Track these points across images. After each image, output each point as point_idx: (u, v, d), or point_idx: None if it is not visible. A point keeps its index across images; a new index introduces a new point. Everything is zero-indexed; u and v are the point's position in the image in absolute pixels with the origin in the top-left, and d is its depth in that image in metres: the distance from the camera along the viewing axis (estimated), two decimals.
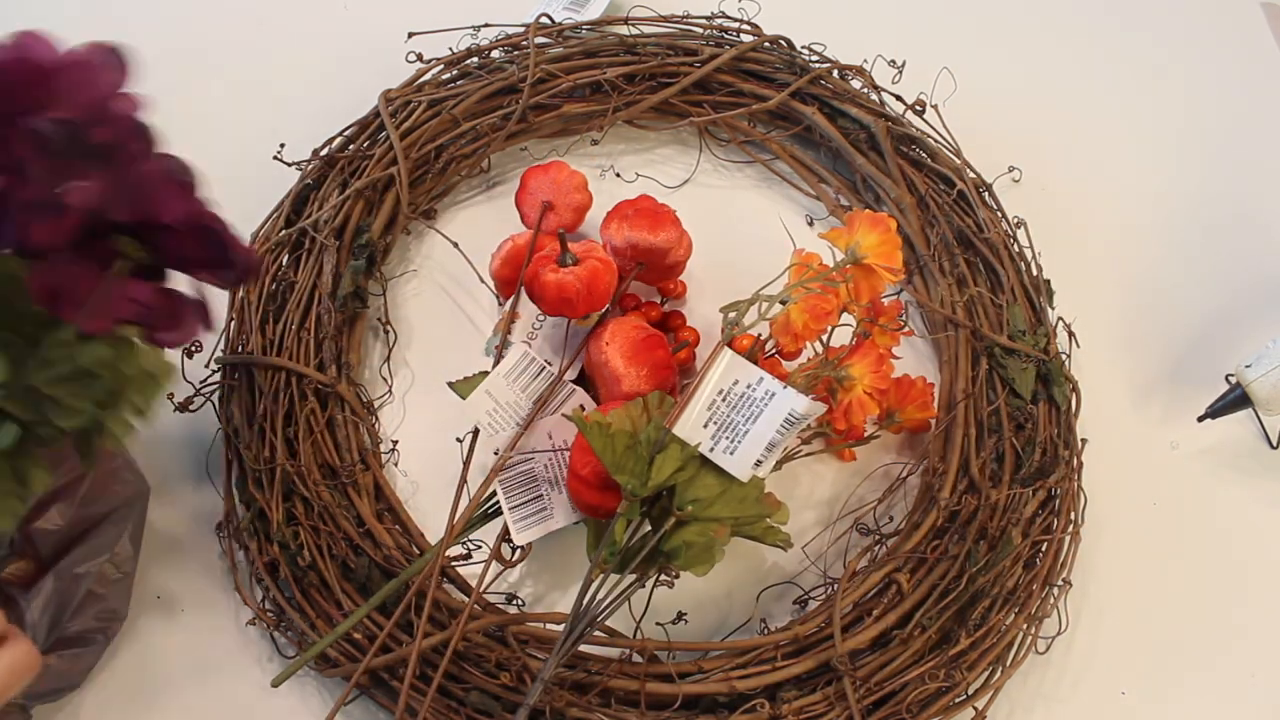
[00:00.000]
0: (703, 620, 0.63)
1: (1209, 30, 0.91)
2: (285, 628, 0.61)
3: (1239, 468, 0.71)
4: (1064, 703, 0.63)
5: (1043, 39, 0.90)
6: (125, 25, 0.88)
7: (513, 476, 0.61)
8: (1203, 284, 0.78)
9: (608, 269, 0.64)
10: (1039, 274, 0.72)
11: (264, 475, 0.63)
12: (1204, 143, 0.84)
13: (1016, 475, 0.64)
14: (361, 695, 0.60)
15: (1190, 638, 0.65)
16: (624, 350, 0.63)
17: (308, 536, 0.61)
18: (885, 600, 0.61)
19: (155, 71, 0.85)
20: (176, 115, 0.79)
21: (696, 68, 0.78)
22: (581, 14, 0.83)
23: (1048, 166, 0.81)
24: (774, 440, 0.55)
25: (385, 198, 0.72)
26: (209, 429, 0.67)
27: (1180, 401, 0.72)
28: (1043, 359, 0.68)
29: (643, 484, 0.54)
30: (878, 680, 0.58)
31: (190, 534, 0.65)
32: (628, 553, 0.55)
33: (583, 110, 0.78)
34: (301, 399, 0.65)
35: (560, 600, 0.64)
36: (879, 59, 0.78)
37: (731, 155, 0.81)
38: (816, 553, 0.65)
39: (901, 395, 0.65)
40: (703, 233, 0.70)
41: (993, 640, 0.60)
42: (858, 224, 0.59)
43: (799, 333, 0.57)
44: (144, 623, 0.63)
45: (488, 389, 0.62)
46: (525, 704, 0.53)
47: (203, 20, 0.88)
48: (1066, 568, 0.63)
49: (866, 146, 0.76)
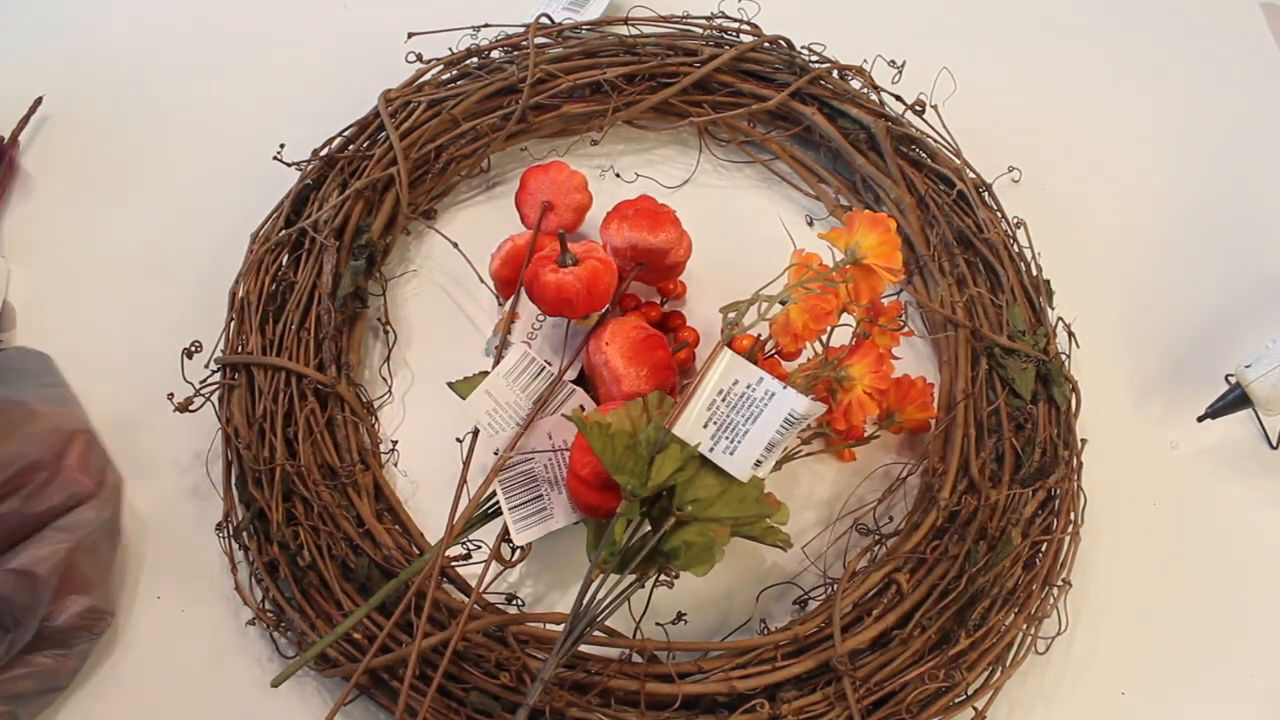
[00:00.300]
0: (703, 620, 0.63)
1: (1209, 30, 0.91)
2: (285, 628, 0.61)
3: (1239, 468, 0.71)
4: (1064, 703, 0.63)
5: (1043, 39, 0.90)
6: (125, 25, 0.88)
7: (513, 476, 0.61)
8: (1203, 284, 0.78)
9: (608, 269, 0.64)
10: (1039, 274, 0.72)
11: (264, 475, 0.63)
12: (1204, 143, 0.84)
13: (1016, 475, 0.64)
14: (361, 695, 0.60)
15: (1190, 638, 0.65)
16: (624, 350, 0.63)
17: (307, 537, 0.61)
18: (885, 600, 0.61)
19: (155, 72, 0.86)
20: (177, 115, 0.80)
21: (696, 68, 0.78)
22: (581, 14, 0.83)
23: (1048, 166, 0.81)
24: (774, 440, 0.55)
25: (385, 198, 0.73)
26: (209, 429, 0.67)
27: (1180, 401, 0.72)
28: (1042, 359, 0.68)
29: (642, 484, 0.54)
30: (877, 680, 0.58)
31: (190, 534, 0.65)
32: (627, 553, 0.55)
33: (583, 110, 0.78)
34: (301, 399, 0.65)
35: (560, 600, 0.64)
36: (879, 59, 0.78)
37: (731, 155, 0.81)
38: (816, 553, 0.65)
39: (901, 395, 0.65)
40: (703, 233, 0.70)
41: (992, 640, 0.60)
42: (857, 224, 0.59)
43: (799, 333, 0.57)
44: (144, 623, 0.63)
45: (488, 389, 0.62)
46: (525, 704, 0.53)
47: (203, 20, 0.88)
48: (1066, 568, 0.63)
49: (866, 147, 0.76)
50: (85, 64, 0.85)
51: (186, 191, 0.79)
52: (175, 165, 0.80)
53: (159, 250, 0.76)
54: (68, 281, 0.75)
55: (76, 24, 0.88)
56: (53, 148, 0.81)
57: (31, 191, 0.79)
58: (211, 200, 0.78)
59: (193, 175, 0.80)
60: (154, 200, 0.79)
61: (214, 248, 0.74)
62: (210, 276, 0.72)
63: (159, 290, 0.74)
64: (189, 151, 0.81)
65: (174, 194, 0.79)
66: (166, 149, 0.81)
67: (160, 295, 0.74)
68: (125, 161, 0.81)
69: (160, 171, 0.80)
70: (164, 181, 0.80)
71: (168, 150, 0.81)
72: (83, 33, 0.88)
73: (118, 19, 0.88)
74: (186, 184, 0.79)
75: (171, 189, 0.79)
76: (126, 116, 0.83)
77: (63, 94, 0.83)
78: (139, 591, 0.64)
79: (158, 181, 0.80)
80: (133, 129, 0.82)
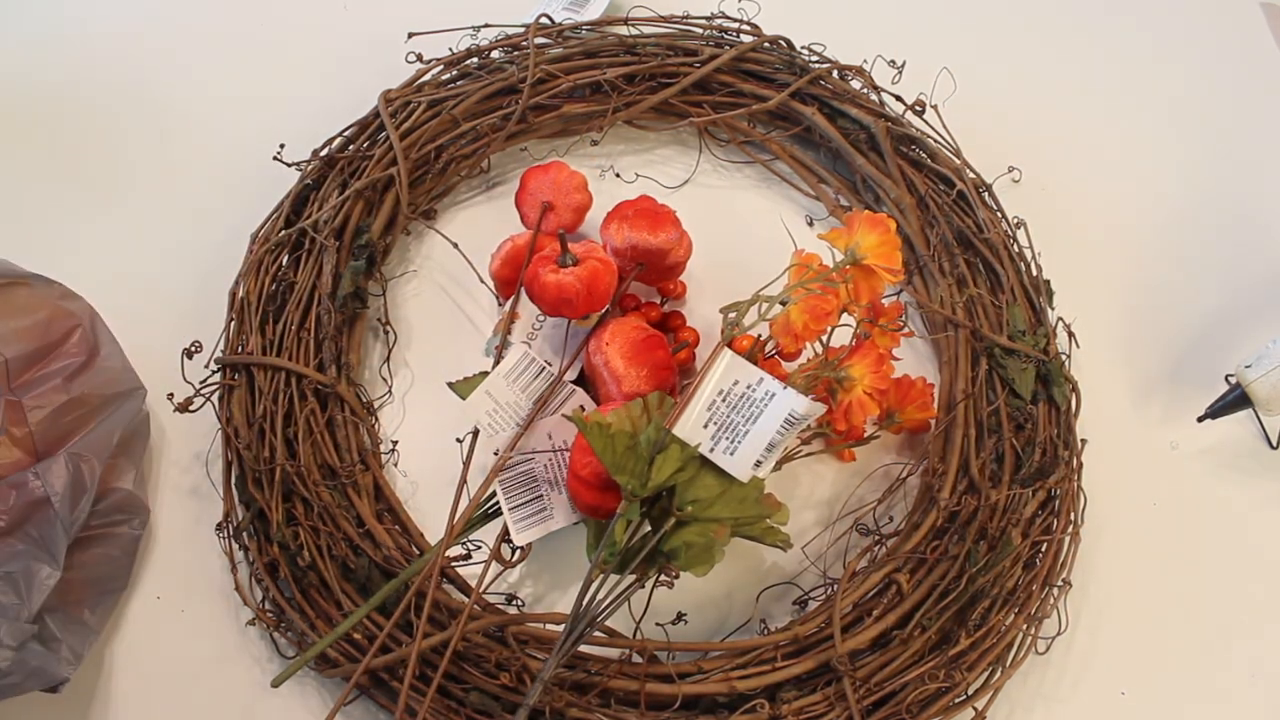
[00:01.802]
0: (703, 621, 0.63)
1: (1209, 30, 0.91)
2: (285, 628, 0.61)
3: (1239, 468, 0.71)
4: (1064, 703, 0.63)
5: (1043, 39, 0.90)
6: (124, 25, 0.88)
7: (513, 477, 0.61)
8: (1203, 284, 0.78)
9: (607, 269, 0.64)
10: (1039, 274, 0.72)
11: (264, 475, 0.63)
12: (1204, 143, 0.84)
13: (1016, 476, 0.64)
14: (361, 695, 0.60)
15: (1190, 638, 0.65)
16: (624, 351, 0.63)
17: (307, 537, 0.61)
18: (885, 600, 0.61)
19: (155, 71, 0.86)
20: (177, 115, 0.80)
21: (696, 68, 0.78)
22: (581, 14, 0.83)
23: (1048, 166, 0.81)
24: (774, 441, 0.55)
25: (385, 198, 0.72)
26: (209, 429, 0.67)
27: (1180, 401, 0.72)
28: (1042, 359, 0.68)
29: (643, 484, 0.54)
30: (877, 680, 0.58)
31: (190, 534, 0.65)
32: (628, 553, 0.55)
33: (582, 110, 0.78)
34: (301, 399, 0.65)
35: (560, 600, 0.64)
36: (879, 59, 0.78)
37: (731, 155, 0.81)
38: (816, 553, 0.65)
39: (901, 395, 0.65)
40: (703, 233, 0.70)
41: (992, 640, 0.60)
42: (857, 225, 0.59)
43: (799, 333, 0.57)
44: (144, 623, 0.63)
45: (488, 389, 0.62)
46: (525, 704, 0.53)
47: (203, 21, 0.88)
48: (1066, 568, 0.63)
49: (866, 147, 0.76)
50: (84, 64, 0.85)
51: (186, 191, 0.79)
52: (175, 165, 0.80)
53: (159, 250, 0.76)
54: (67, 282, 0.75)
55: (76, 24, 0.88)
56: (52, 147, 0.81)
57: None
58: (211, 200, 0.78)
59: (193, 175, 0.80)
60: (154, 200, 0.79)
61: (214, 248, 0.74)
62: (210, 276, 0.72)
63: (159, 290, 0.74)
64: (189, 151, 0.81)
65: (174, 194, 0.79)
66: (166, 149, 0.81)
67: (160, 295, 0.74)
68: (125, 161, 0.81)
69: (160, 171, 0.80)
70: (164, 181, 0.80)
71: (168, 150, 0.81)
72: (81, 32, 0.88)
73: (117, 18, 0.88)
74: (186, 184, 0.79)
75: (171, 189, 0.79)
76: (126, 116, 0.83)
77: (62, 94, 0.83)
78: (139, 592, 0.64)
79: (158, 181, 0.80)
80: (133, 128, 0.82)
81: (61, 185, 0.79)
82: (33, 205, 0.78)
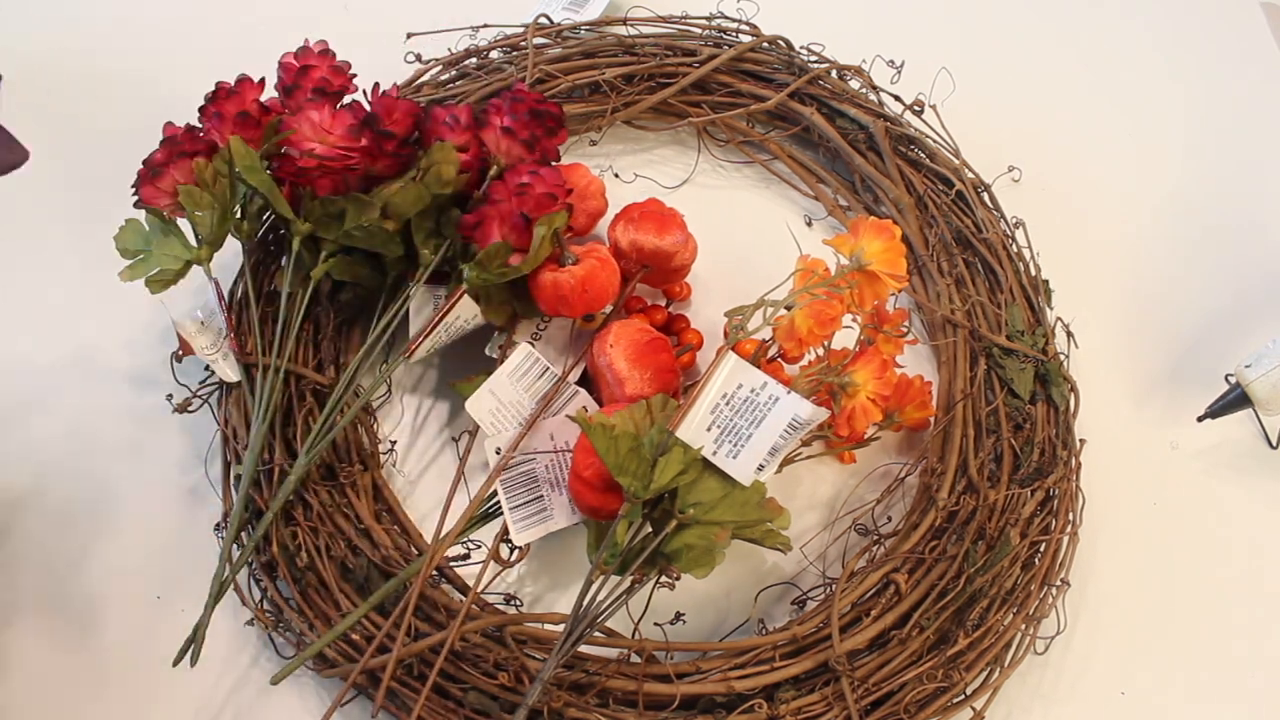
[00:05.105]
0: (701, 620, 0.63)
1: (1209, 30, 0.91)
2: (283, 628, 0.61)
3: (1239, 468, 0.71)
4: (1062, 703, 0.63)
5: (1043, 39, 0.90)
6: (124, 25, 0.88)
7: (514, 477, 0.61)
8: (1203, 284, 0.77)
9: (605, 268, 0.63)
10: (1037, 274, 0.72)
11: (263, 476, 0.63)
12: (1204, 143, 0.84)
13: (1015, 475, 0.64)
14: (359, 695, 0.60)
15: (1190, 638, 0.65)
16: (628, 353, 0.63)
17: (306, 537, 0.61)
18: (883, 600, 0.61)
19: (155, 71, 0.86)
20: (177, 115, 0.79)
21: (695, 68, 0.78)
22: (580, 14, 0.83)
23: (1048, 166, 0.81)
24: (777, 445, 0.55)
25: None
26: (208, 429, 0.67)
27: (1180, 401, 0.72)
28: (1041, 359, 0.68)
29: (645, 486, 0.54)
30: (876, 680, 0.58)
31: (189, 534, 0.65)
32: (629, 554, 0.55)
33: (581, 111, 0.78)
34: (300, 399, 0.65)
35: (559, 600, 0.64)
36: (877, 59, 0.78)
37: (730, 156, 0.81)
38: (815, 553, 0.65)
39: (900, 395, 0.65)
40: (701, 233, 0.69)
41: (991, 640, 0.60)
42: (861, 231, 0.59)
43: (804, 338, 0.57)
44: (143, 622, 0.63)
45: (491, 388, 0.62)
46: (524, 704, 0.53)
47: (202, 21, 0.88)
48: (1065, 568, 0.63)
49: (865, 147, 0.76)
50: (83, 64, 0.85)
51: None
52: None
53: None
54: (68, 283, 0.75)
55: (76, 24, 0.88)
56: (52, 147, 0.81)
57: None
58: None
59: None
60: None
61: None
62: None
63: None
64: None
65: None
66: None
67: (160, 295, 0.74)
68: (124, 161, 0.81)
69: None
70: None
71: None
72: (82, 33, 0.88)
73: (116, 18, 0.88)
74: None
75: None
76: (124, 115, 0.83)
77: (60, 93, 0.83)
78: (139, 592, 0.64)
79: None
80: (131, 128, 0.82)
81: (61, 184, 0.79)
82: (33, 205, 0.78)
